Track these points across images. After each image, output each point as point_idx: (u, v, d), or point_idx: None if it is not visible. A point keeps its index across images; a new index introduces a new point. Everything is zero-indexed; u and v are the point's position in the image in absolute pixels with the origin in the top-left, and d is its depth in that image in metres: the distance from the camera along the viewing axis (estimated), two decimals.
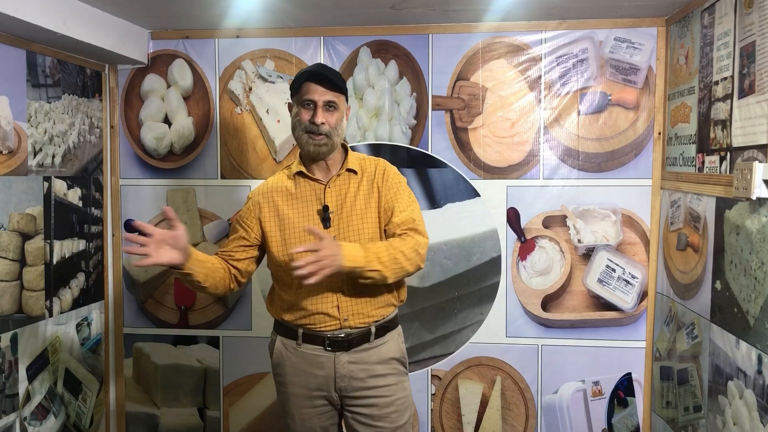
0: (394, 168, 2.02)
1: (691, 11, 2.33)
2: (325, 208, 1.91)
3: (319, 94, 1.86)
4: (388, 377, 1.95)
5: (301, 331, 1.93)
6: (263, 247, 1.99)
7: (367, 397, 1.92)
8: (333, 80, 1.87)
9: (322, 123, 1.85)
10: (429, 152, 2.76)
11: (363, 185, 1.95)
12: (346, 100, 1.97)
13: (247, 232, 1.97)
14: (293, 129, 1.94)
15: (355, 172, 1.96)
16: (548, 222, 2.74)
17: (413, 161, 2.76)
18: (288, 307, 1.94)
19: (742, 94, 1.90)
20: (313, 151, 1.89)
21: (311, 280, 1.68)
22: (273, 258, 1.96)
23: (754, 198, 1.75)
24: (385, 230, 1.94)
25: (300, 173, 1.96)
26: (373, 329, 1.93)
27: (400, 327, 2.06)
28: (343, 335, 1.91)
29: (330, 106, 1.88)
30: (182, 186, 2.90)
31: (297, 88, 1.91)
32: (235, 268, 1.97)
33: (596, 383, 2.75)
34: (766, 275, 1.75)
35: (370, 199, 1.94)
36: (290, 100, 1.97)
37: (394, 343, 1.99)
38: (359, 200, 1.93)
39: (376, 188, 1.95)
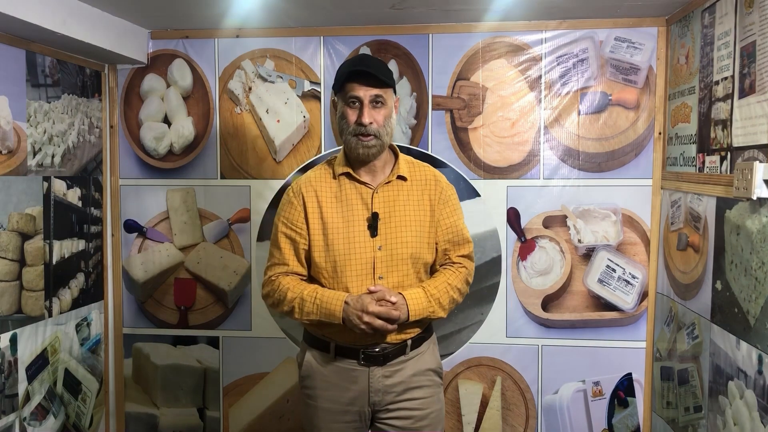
0: (443, 176, 1.95)
1: (691, 11, 2.32)
2: (375, 216, 1.80)
3: (364, 90, 1.75)
4: (424, 389, 1.89)
5: (333, 343, 1.84)
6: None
7: (402, 409, 1.86)
8: (377, 76, 1.75)
9: (370, 123, 1.75)
10: (429, 152, 2.76)
11: (413, 194, 1.86)
12: (394, 92, 1.84)
13: (301, 235, 1.85)
14: (340, 132, 1.82)
15: (404, 179, 1.86)
16: (548, 222, 2.73)
17: None
18: None
19: (743, 93, 1.89)
20: (362, 153, 1.78)
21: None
22: (314, 262, 1.85)
23: (754, 198, 1.75)
24: (437, 247, 1.88)
25: (346, 174, 1.85)
26: (409, 342, 1.86)
27: (434, 334, 1.99)
28: (378, 349, 1.83)
29: (377, 102, 1.77)
30: (182, 186, 2.90)
31: (340, 85, 1.80)
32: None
33: (596, 383, 2.75)
34: (766, 275, 1.75)
35: (419, 210, 1.85)
36: (334, 96, 1.86)
37: (430, 352, 1.93)
38: (409, 210, 1.84)
39: (428, 200, 1.86)
